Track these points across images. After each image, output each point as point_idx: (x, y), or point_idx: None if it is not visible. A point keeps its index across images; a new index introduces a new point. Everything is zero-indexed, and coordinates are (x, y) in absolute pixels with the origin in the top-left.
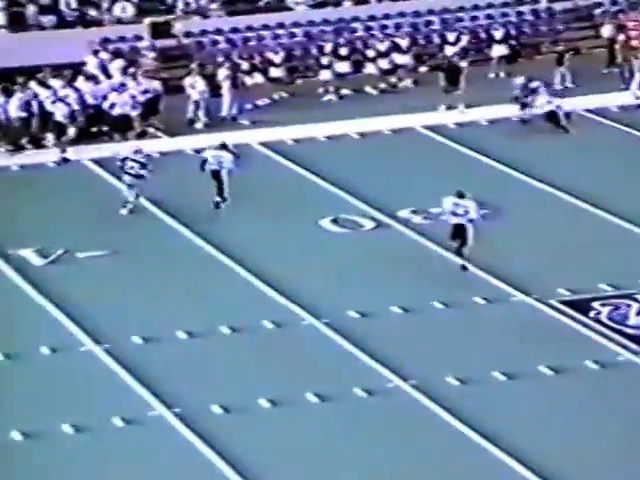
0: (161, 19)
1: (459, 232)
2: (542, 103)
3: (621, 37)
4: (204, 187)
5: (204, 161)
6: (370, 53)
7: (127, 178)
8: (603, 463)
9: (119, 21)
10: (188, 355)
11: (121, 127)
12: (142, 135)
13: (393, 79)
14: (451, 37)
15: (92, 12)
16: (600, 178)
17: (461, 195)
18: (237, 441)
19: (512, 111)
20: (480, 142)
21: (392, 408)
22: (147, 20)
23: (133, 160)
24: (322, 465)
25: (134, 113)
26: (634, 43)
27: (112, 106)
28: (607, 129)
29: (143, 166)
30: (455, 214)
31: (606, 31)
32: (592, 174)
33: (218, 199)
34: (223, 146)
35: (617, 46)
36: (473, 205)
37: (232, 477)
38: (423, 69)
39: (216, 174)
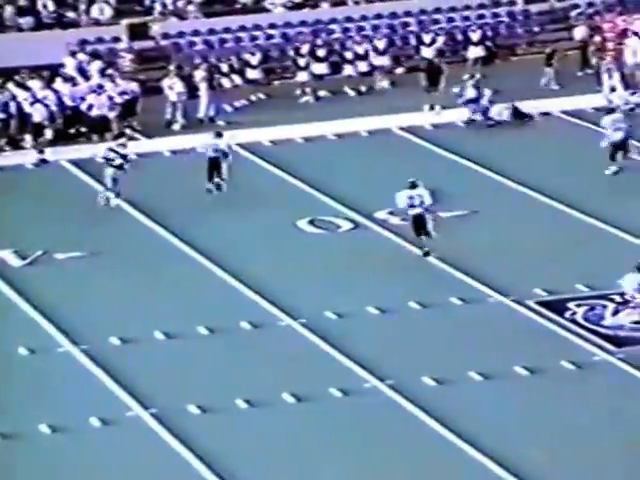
0: (139, 21)
1: (419, 222)
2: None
3: (597, 39)
4: (182, 188)
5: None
6: (348, 55)
7: (110, 170)
8: (579, 463)
9: (97, 23)
10: (165, 356)
11: (99, 128)
12: (120, 136)
13: (371, 81)
14: (427, 38)
15: (70, 14)
16: (576, 179)
17: (414, 186)
18: (214, 441)
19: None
20: (456, 143)
21: (369, 408)
22: (125, 22)
23: (116, 152)
24: (298, 465)
25: (112, 114)
26: (609, 45)
27: (90, 107)
28: (583, 130)
29: (124, 157)
30: (412, 205)
31: (578, 33)
32: (568, 175)
33: (218, 180)
34: (218, 134)
35: (591, 48)
36: (426, 193)
37: (209, 477)
38: (400, 70)
39: (214, 161)
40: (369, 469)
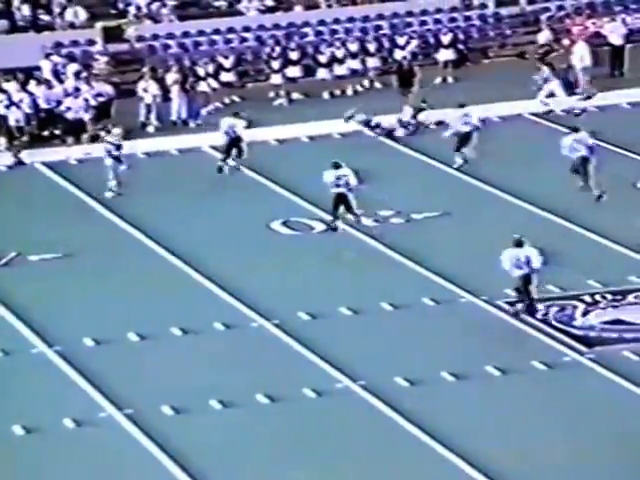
0: (113, 24)
1: (342, 200)
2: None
3: (566, 42)
4: (156, 190)
5: (226, 132)
6: (322, 58)
7: (108, 161)
8: (549, 463)
9: (71, 26)
10: (139, 357)
11: (76, 131)
12: (95, 139)
13: (345, 84)
14: (401, 41)
15: (44, 17)
16: (548, 181)
17: (338, 166)
18: (188, 442)
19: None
20: (429, 145)
21: (341, 408)
22: (99, 25)
23: (112, 143)
24: (272, 465)
25: (86, 117)
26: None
27: (68, 110)
28: (553, 132)
29: (118, 148)
30: (337, 185)
31: (542, 37)
32: (540, 177)
33: (236, 159)
34: (236, 114)
35: (554, 53)
36: (351, 173)
37: (182, 478)
38: (372, 73)
39: (234, 141)
40: (342, 469)
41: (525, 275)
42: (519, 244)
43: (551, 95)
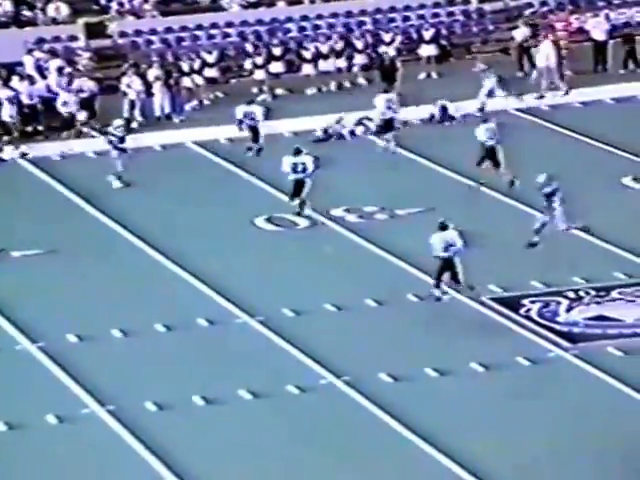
0: (95, 19)
1: (299, 186)
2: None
3: (550, 37)
4: (139, 185)
5: (240, 121)
6: (307, 54)
7: (114, 153)
8: (534, 459)
9: (54, 21)
10: (122, 353)
11: (69, 126)
12: (78, 135)
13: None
14: (387, 37)
15: (26, 12)
16: (531, 176)
17: (298, 152)
18: (171, 438)
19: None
20: (413, 142)
21: (325, 405)
22: (82, 20)
23: (113, 135)
24: (255, 461)
25: (82, 113)
26: (562, 44)
27: (64, 104)
28: (538, 128)
29: (122, 140)
30: (295, 171)
31: (519, 34)
32: (521, 171)
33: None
34: (251, 101)
35: (533, 50)
36: (309, 160)
37: (165, 474)
38: (356, 69)
39: (253, 128)
40: (325, 465)
41: (449, 257)
42: (444, 227)
43: (490, 93)
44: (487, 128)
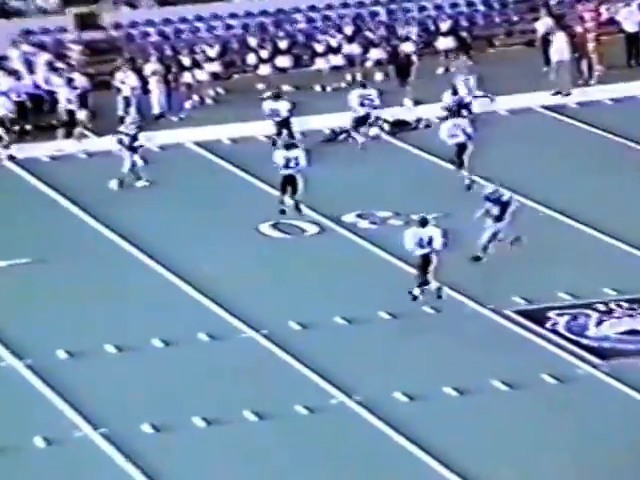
0: (87, 9)
1: (290, 182)
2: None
3: (579, 29)
4: (135, 189)
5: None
6: (319, 47)
7: (125, 153)
8: None
9: (42, 11)
10: (117, 371)
11: (70, 123)
12: (68, 134)
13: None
14: (401, 29)
15: (12, 2)
16: (557, 179)
17: (291, 146)
18: (169, 463)
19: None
20: (429, 141)
21: (336, 426)
22: (72, 10)
23: (125, 133)
24: None
25: (83, 111)
26: (590, 36)
27: (68, 102)
28: (564, 127)
29: (134, 139)
30: (287, 166)
31: (542, 26)
32: (549, 176)
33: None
34: (277, 95)
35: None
36: (302, 154)
37: None
38: (369, 64)
39: (282, 122)
40: None
41: (425, 255)
42: (423, 223)
43: (454, 92)
44: (450, 126)
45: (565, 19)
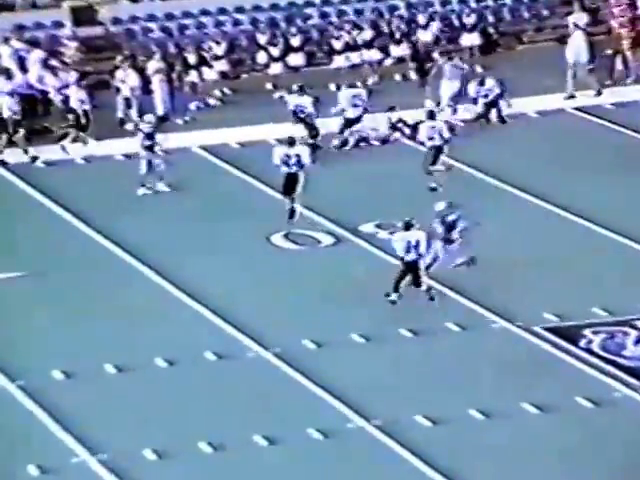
0: (84, 3)
1: (292, 181)
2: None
3: (614, 24)
4: (137, 198)
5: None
6: (337, 45)
7: (143, 153)
8: None
9: (34, 5)
10: (117, 392)
11: (81, 125)
12: (62, 137)
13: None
14: (422, 23)
15: None
16: (591, 185)
17: (292, 142)
18: None
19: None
20: (456, 146)
21: (352, 452)
22: (67, 4)
23: (141, 131)
24: None
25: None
26: (621, 32)
27: (81, 103)
28: (596, 128)
29: (150, 137)
30: (287, 164)
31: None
32: (582, 181)
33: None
34: (301, 88)
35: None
36: (305, 152)
37: None
38: (389, 62)
39: (303, 120)
40: None
41: (413, 260)
42: (407, 227)
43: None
44: (428, 128)
45: (600, 13)
